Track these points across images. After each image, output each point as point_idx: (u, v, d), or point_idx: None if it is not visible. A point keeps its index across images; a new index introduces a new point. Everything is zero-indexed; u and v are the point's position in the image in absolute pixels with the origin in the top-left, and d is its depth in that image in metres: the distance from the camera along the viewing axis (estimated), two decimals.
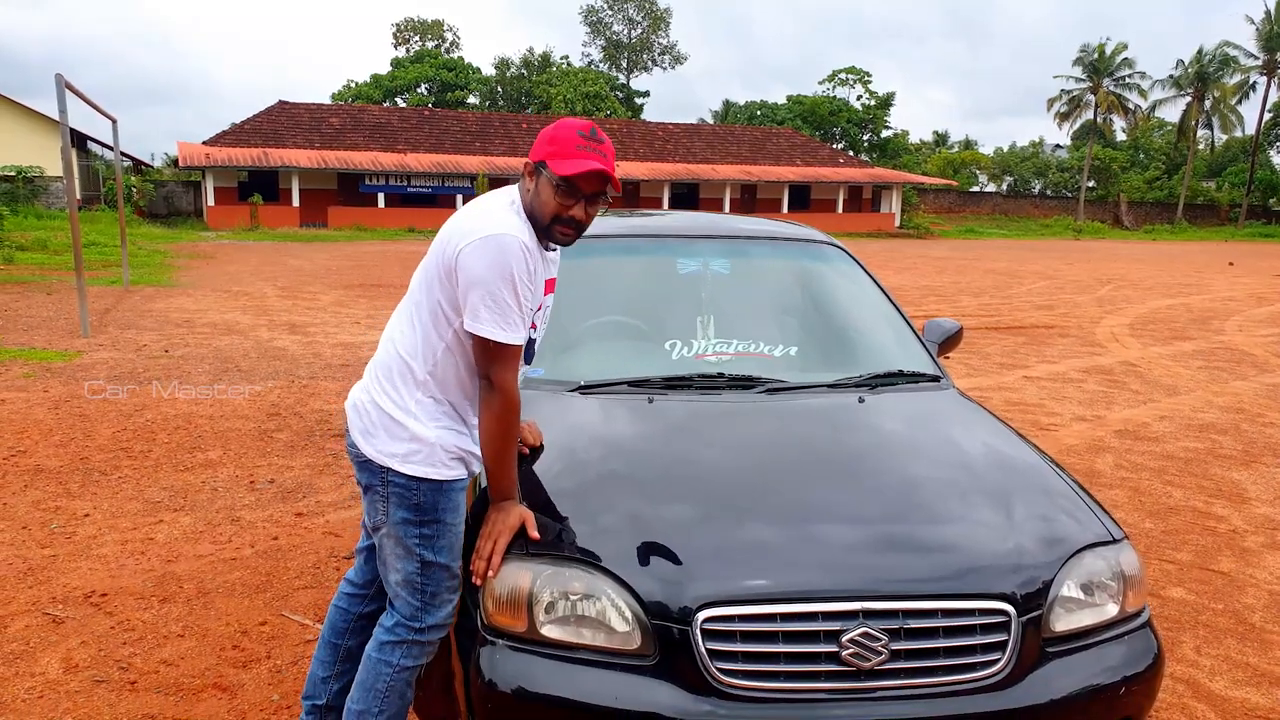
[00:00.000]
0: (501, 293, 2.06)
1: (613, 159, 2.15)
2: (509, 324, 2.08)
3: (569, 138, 2.11)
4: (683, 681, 1.97)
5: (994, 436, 2.74)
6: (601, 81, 56.12)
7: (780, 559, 2.07)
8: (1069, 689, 2.05)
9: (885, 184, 47.59)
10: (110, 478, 5.06)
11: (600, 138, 2.14)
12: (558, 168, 2.08)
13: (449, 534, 2.23)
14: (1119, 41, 56.09)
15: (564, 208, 2.12)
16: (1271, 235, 50.67)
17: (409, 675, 2.29)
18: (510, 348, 2.11)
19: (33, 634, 3.31)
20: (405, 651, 2.26)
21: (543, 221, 2.15)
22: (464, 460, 2.24)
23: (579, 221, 2.16)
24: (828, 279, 3.62)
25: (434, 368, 2.20)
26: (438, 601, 2.24)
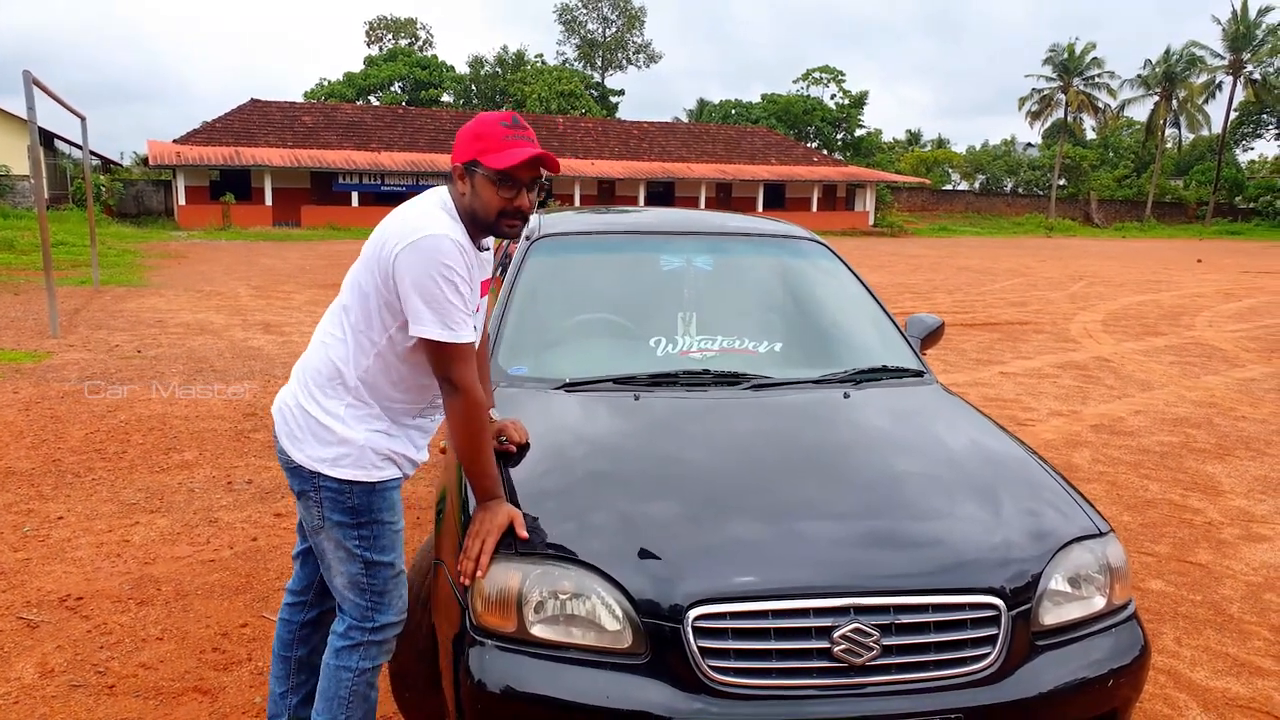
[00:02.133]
0: (441, 292, 2.04)
1: (537, 141, 2.16)
2: (453, 323, 2.06)
3: (495, 131, 2.10)
4: (674, 679, 1.96)
5: (978, 431, 2.75)
6: (576, 80, 56.00)
7: (770, 556, 2.06)
8: (1059, 682, 2.06)
9: (859, 182, 47.84)
10: (84, 479, 4.97)
11: (523, 124, 2.14)
12: (494, 162, 2.07)
13: (388, 532, 2.23)
14: (1088, 41, 56.73)
15: (508, 200, 2.11)
16: (1238, 233, 51.43)
17: (370, 677, 2.29)
18: (459, 346, 2.08)
19: (6, 639, 3.24)
20: (363, 654, 2.27)
21: (488, 219, 2.13)
22: (395, 461, 2.23)
23: (524, 211, 2.15)
24: (810, 275, 3.63)
25: (365, 373, 2.18)
26: (386, 600, 2.26)
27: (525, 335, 3.18)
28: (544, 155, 2.10)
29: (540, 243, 3.52)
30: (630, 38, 63.37)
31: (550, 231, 3.59)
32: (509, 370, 3.01)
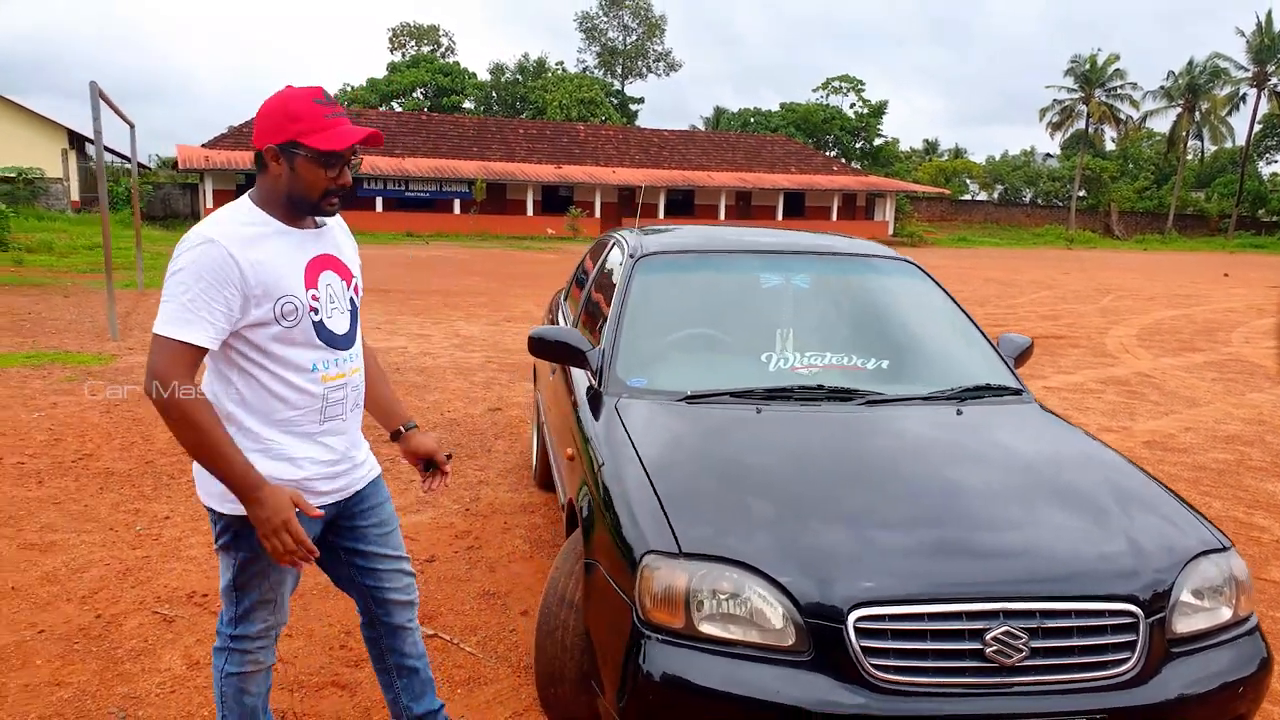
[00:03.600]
0: (174, 285, 1.96)
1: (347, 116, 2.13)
2: (167, 313, 1.97)
3: (313, 110, 2.03)
4: (837, 675, 2.10)
5: (1091, 448, 2.89)
6: (597, 87, 56.30)
7: (924, 562, 2.21)
8: (1193, 688, 2.20)
9: (879, 192, 47.93)
10: (179, 481, 5.16)
11: (334, 100, 2.09)
12: (322, 142, 2.02)
13: (259, 563, 2.20)
14: (1111, 52, 56.69)
15: (331, 179, 2.07)
16: (1261, 246, 51.21)
17: (239, 683, 2.31)
18: (162, 340, 1.96)
19: (149, 632, 3.42)
20: (226, 657, 2.30)
21: (311, 198, 2.09)
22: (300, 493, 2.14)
23: (346, 188, 2.12)
24: (905, 293, 3.78)
25: (242, 399, 2.11)
26: (251, 618, 2.27)
27: (640, 349, 3.33)
28: (376, 133, 2.09)
29: (644, 260, 3.68)
30: (650, 46, 63.69)
31: (653, 250, 3.75)
32: (628, 381, 3.17)
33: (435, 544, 4.38)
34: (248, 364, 2.09)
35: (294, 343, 2.10)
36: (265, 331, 2.06)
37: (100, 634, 3.40)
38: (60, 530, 4.38)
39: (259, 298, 2.02)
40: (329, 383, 2.18)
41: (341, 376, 2.21)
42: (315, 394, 2.16)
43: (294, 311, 2.08)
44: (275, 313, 2.05)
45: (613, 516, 2.48)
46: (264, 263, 2.03)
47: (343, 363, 2.21)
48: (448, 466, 2.54)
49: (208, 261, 1.96)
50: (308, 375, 2.14)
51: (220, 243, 1.98)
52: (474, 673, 3.23)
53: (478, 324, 12.44)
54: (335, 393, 2.20)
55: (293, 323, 2.08)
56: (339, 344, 2.20)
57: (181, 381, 1.96)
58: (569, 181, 42.49)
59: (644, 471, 2.56)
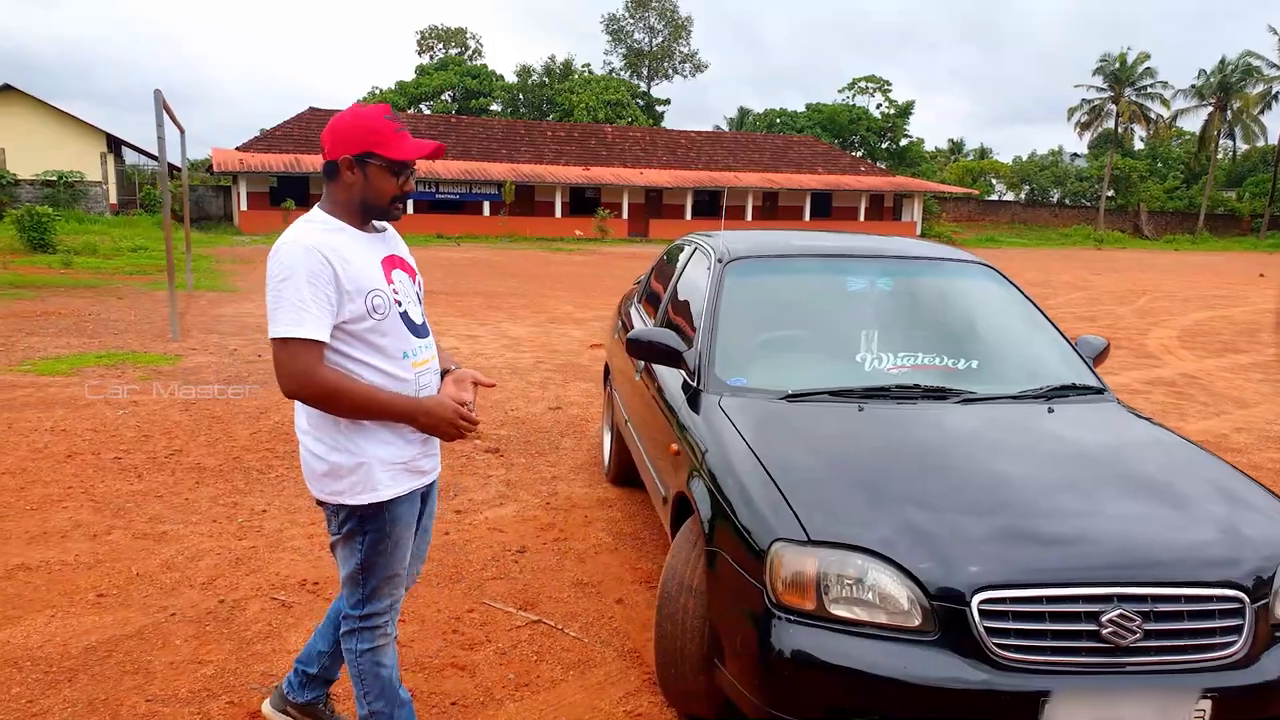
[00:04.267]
0: (285, 291, 2.16)
1: None
2: (284, 317, 2.16)
3: (385, 125, 2.26)
4: (961, 653, 2.27)
5: (1180, 444, 3.04)
6: (623, 89, 56.55)
7: (1041, 549, 2.37)
8: None
9: (906, 192, 47.82)
10: (268, 476, 5.39)
11: (396, 118, 2.33)
12: (395, 153, 2.25)
13: (386, 541, 2.38)
14: (1141, 51, 56.15)
15: (400, 187, 2.31)
16: None
17: (375, 657, 2.48)
18: (287, 343, 2.16)
19: (270, 616, 3.63)
20: (358, 638, 2.47)
21: (382, 204, 2.31)
22: (405, 473, 2.36)
23: (410, 194, 2.37)
24: (985, 295, 3.93)
25: None
26: (378, 595, 2.44)
27: (736, 349, 3.51)
28: (440, 146, 2.34)
29: (733, 265, 3.85)
30: (676, 47, 63.87)
31: (740, 255, 3.92)
32: (728, 381, 3.34)
33: (524, 536, 4.57)
34: (347, 360, 2.27)
35: (386, 333, 2.30)
36: (360, 325, 2.26)
37: (226, 617, 3.62)
38: (168, 522, 4.61)
39: (351, 294, 2.23)
40: (418, 368, 2.38)
41: (426, 363, 2.41)
42: (409, 380, 2.34)
43: (383, 304, 2.29)
44: (366, 306, 2.25)
45: (733, 507, 2.65)
46: (350, 262, 2.24)
47: (423, 350, 2.41)
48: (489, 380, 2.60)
49: (305, 264, 2.18)
50: (400, 363, 2.33)
51: (312, 247, 2.20)
52: (582, 656, 3.41)
53: (523, 325, 12.65)
54: (424, 377, 2.39)
55: (383, 315, 2.28)
56: (419, 333, 2.40)
57: (319, 368, 2.18)
58: (596, 183, 42.72)
59: (760, 465, 2.74)
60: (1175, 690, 2.25)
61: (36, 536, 4.37)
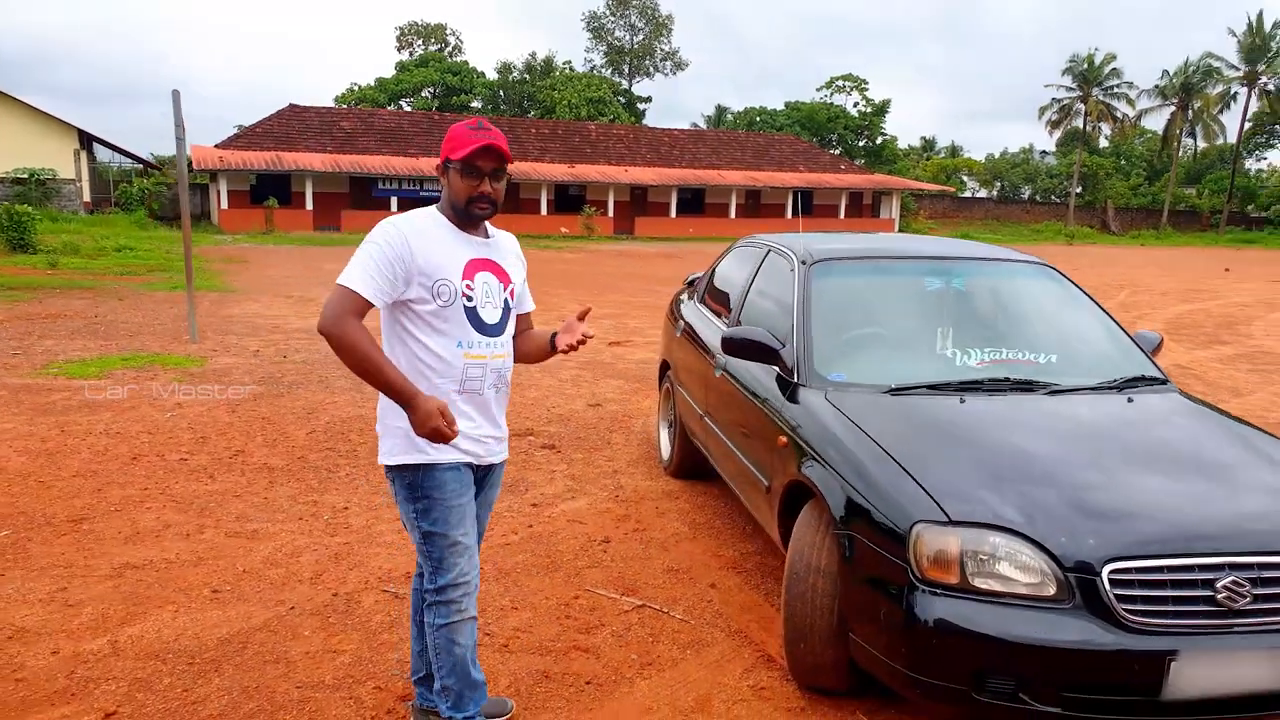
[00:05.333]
0: (360, 251, 2.46)
1: (501, 138, 2.52)
2: (349, 271, 2.44)
3: (461, 133, 2.50)
4: (1094, 619, 2.52)
5: (1249, 431, 3.33)
6: (605, 87, 56.66)
7: (1160, 524, 2.63)
8: None
9: (885, 190, 48.41)
10: (337, 475, 5.54)
11: (486, 126, 2.52)
12: (456, 155, 2.48)
13: (438, 508, 2.57)
14: (1108, 52, 57.22)
15: (473, 187, 2.50)
16: (1252, 241, 51.83)
17: (449, 633, 2.62)
18: (340, 288, 2.42)
19: (386, 607, 3.81)
20: (435, 612, 2.62)
21: (461, 205, 2.53)
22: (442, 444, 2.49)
23: (489, 196, 2.52)
24: (1051, 293, 4.19)
25: (398, 359, 2.55)
26: (444, 565, 2.59)
27: (831, 346, 3.74)
28: (490, 144, 2.46)
29: (816, 266, 4.08)
30: (658, 45, 64.09)
31: (822, 256, 4.14)
32: (829, 376, 3.58)
33: (604, 527, 4.78)
34: (408, 336, 2.55)
35: (447, 319, 2.54)
36: (423, 307, 2.52)
37: (345, 609, 3.79)
38: (255, 520, 4.76)
39: (422, 274, 2.48)
40: (470, 359, 2.59)
41: (483, 357, 2.60)
42: (456, 365, 2.57)
43: (449, 294, 2.52)
44: (432, 291, 2.50)
45: (867, 494, 2.88)
46: (430, 251, 2.50)
47: (486, 346, 2.61)
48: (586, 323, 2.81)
49: (387, 238, 2.47)
50: (453, 349, 2.56)
51: (401, 227, 2.50)
52: (694, 637, 3.63)
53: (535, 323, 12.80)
54: (473, 369, 2.59)
55: (446, 302, 2.52)
56: (488, 331, 2.61)
57: (350, 318, 2.39)
58: (582, 181, 42.84)
59: (886, 453, 2.98)
60: None
61: (130, 536, 4.51)
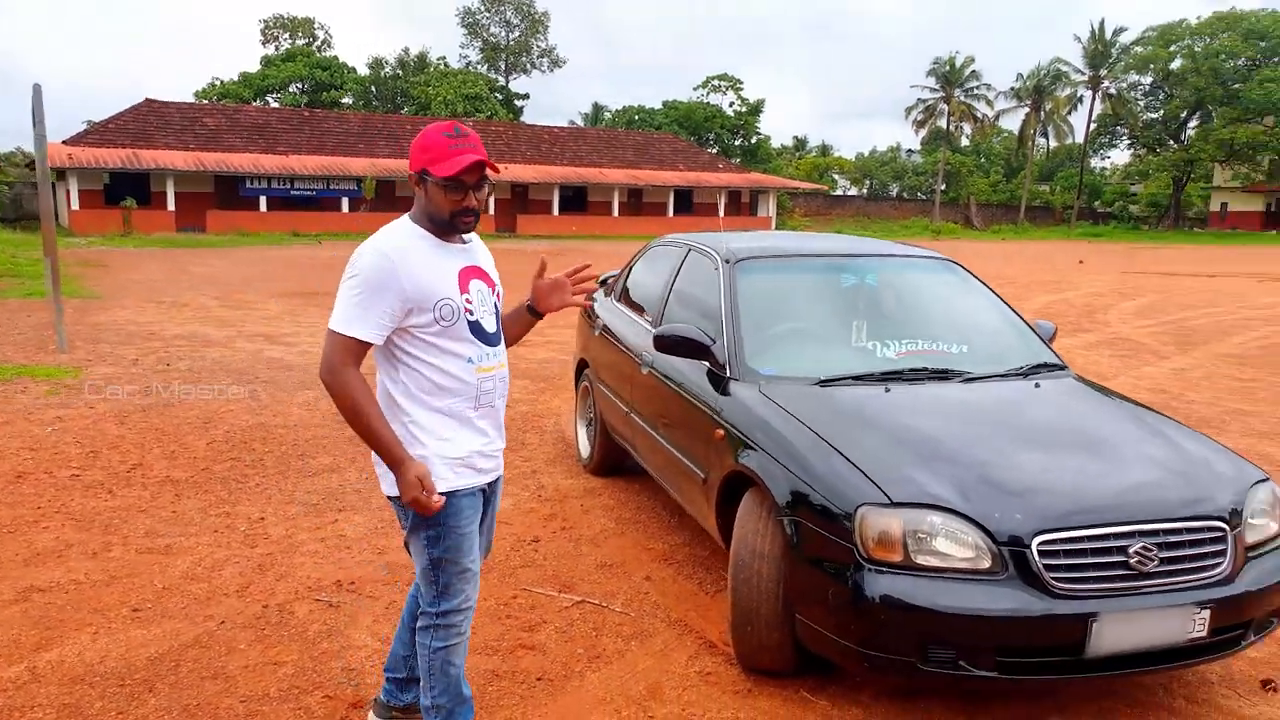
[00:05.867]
0: (346, 289, 2.37)
1: (481, 146, 2.42)
2: (340, 314, 2.37)
3: (439, 142, 2.37)
4: (1025, 588, 2.73)
5: (1141, 410, 3.64)
6: (481, 83, 55.98)
7: (1078, 498, 2.87)
8: (1265, 583, 2.93)
9: (762, 188, 49.64)
10: (247, 485, 5.36)
11: (465, 132, 2.40)
12: (440, 170, 2.35)
13: (451, 535, 2.50)
14: (967, 55, 60.45)
15: (457, 201, 2.40)
16: (1099, 234, 55.60)
17: (446, 655, 2.59)
18: (334, 335, 2.37)
19: (323, 616, 3.73)
20: (434, 634, 2.58)
21: (443, 219, 2.43)
22: (467, 466, 2.51)
23: (474, 209, 2.44)
24: (957, 287, 4.46)
25: (406, 385, 2.47)
26: (451, 591, 2.55)
27: (760, 341, 3.89)
28: (482, 160, 2.38)
29: (739, 265, 4.21)
30: (534, 42, 63.70)
31: (744, 255, 4.28)
32: (760, 370, 3.72)
33: (531, 526, 4.80)
34: (412, 359, 2.46)
35: (454, 338, 2.46)
36: (428, 331, 2.43)
37: (279, 621, 3.70)
38: (165, 535, 4.57)
39: (418, 301, 2.40)
40: (482, 374, 2.52)
41: (492, 369, 2.55)
42: (471, 383, 2.50)
43: (452, 313, 2.45)
44: (435, 314, 2.42)
45: (811, 480, 3.03)
46: (420, 272, 2.41)
47: (492, 357, 2.55)
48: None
49: (376, 271, 2.37)
50: (465, 367, 2.49)
51: (388, 254, 2.38)
52: (636, 629, 3.71)
53: None
54: (487, 383, 2.54)
55: (450, 321, 2.45)
56: (490, 341, 2.55)
57: (350, 368, 2.37)
58: None
59: (824, 441, 3.13)
60: (1185, 605, 2.78)
61: (30, 558, 4.26)
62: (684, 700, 3.20)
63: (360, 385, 2.38)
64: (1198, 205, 64.11)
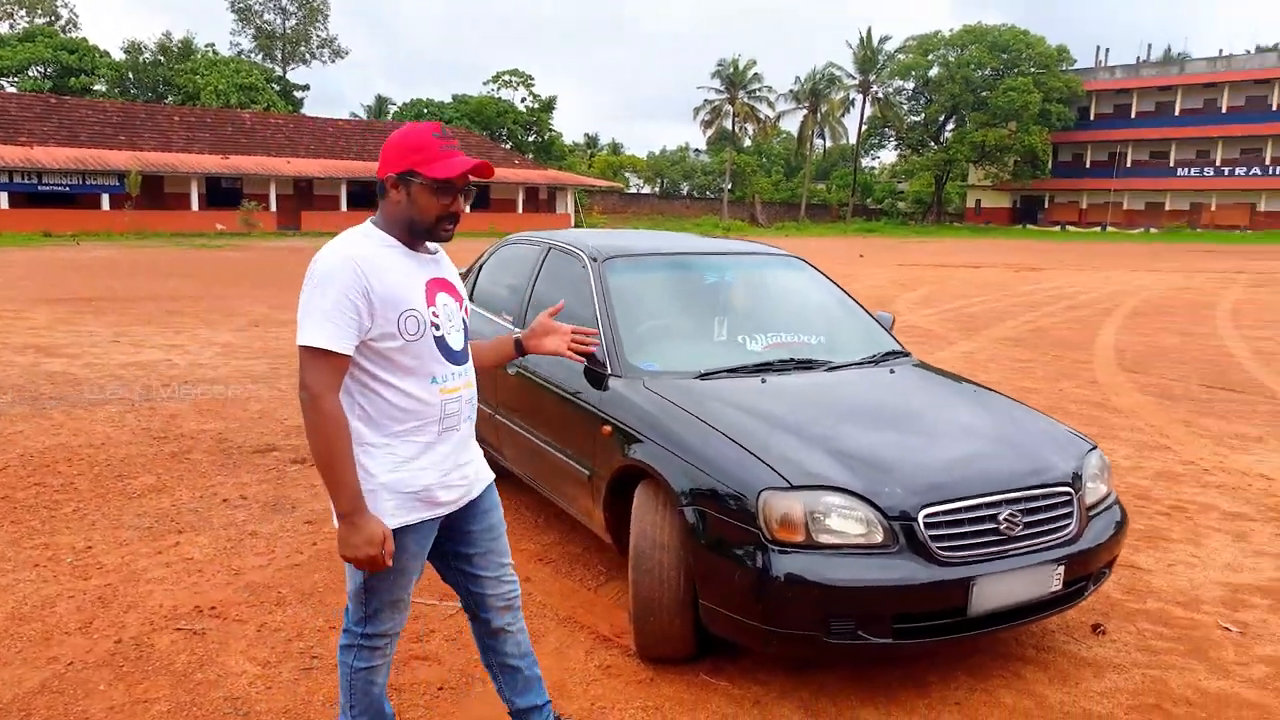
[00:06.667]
0: (311, 298, 2.19)
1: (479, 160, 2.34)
2: (309, 327, 2.18)
3: (429, 143, 2.25)
4: (915, 558, 2.96)
5: (982, 390, 4.02)
6: (257, 73, 52.70)
7: (953, 473, 3.14)
8: (1101, 538, 3.32)
9: (560, 186, 49.90)
10: (62, 512, 4.84)
11: (450, 135, 2.31)
12: (434, 172, 2.23)
13: (390, 570, 2.33)
14: (750, 58, 63.55)
15: (445, 206, 2.29)
16: (873, 230, 60.15)
17: (369, 676, 2.50)
18: (308, 352, 2.18)
19: (188, 645, 3.45)
20: (356, 654, 2.48)
21: (426, 224, 2.29)
22: (419, 501, 2.34)
23: (459, 215, 2.33)
24: (807, 282, 4.72)
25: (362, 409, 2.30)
26: (379, 618, 2.44)
27: (637, 338, 3.95)
28: (483, 164, 2.29)
29: (607, 263, 4.26)
30: (313, 31, 60.61)
31: (611, 254, 4.33)
32: (641, 365, 3.79)
33: None
34: (371, 380, 2.28)
35: (417, 355, 2.29)
36: (388, 344, 2.25)
37: (139, 656, 3.38)
38: None
39: (384, 309, 2.22)
40: (446, 395, 2.36)
41: (457, 390, 2.39)
42: (433, 404, 2.33)
43: (417, 326, 2.27)
44: (399, 326, 2.24)
45: (710, 470, 3.13)
46: (388, 279, 2.24)
47: (458, 376, 2.39)
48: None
49: (340, 274, 2.18)
50: (427, 387, 2.32)
51: (351, 258, 2.22)
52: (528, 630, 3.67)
53: (224, 331, 11.80)
54: (451, 404, 2.37)
55: (415, 336, 2.27)
56: (457, 359, 2.39)
57: (330, 393, 2.19)
58: (237, 173, 39.65)
59: (717, 431, 3.25)
60: (1046, 563, 3.11)
61: None
62: (590, 695, 3.23)
63: (340, 419, 2.20)
64: (956, 202, 70.69)
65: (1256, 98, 58.65)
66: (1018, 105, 57.16)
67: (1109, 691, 3.26)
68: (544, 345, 2.70)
